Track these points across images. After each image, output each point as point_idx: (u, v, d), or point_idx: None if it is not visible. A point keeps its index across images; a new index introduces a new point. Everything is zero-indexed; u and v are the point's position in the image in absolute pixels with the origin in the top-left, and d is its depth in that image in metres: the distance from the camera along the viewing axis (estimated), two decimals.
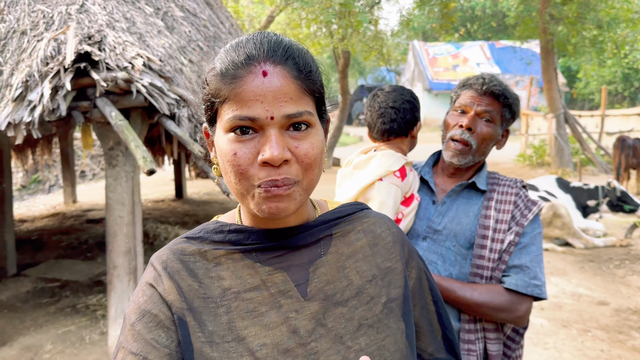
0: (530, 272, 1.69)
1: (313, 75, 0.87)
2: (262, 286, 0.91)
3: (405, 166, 1.84)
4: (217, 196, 11.61)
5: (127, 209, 4.16)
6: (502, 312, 1.65)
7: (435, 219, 1.80)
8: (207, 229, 0.98)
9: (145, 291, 0.91)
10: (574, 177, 12.75)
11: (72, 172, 10.53)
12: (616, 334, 4.39)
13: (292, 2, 11.45)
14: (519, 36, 15.93)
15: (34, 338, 4.46)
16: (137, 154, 3.43)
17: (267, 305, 0.89)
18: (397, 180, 1.78)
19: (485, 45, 31.80)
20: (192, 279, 0.91)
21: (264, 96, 0.80)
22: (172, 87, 4.08)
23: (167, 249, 0.96)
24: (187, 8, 6.05)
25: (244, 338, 0.86)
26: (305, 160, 0.84)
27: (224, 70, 0.84)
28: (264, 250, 0.94)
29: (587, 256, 6.74)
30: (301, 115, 0.83)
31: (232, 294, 0.90)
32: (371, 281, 0.97)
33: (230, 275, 0.92)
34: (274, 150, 0.80)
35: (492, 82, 1.77)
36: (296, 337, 0.87)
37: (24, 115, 3.56)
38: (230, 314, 0.88)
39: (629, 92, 30.51)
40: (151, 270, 0.94)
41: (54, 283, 5.82)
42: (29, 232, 8.28)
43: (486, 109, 1.77)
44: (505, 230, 1.73)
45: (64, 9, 4.29)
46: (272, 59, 0.82)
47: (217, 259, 0.94)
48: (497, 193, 1.82)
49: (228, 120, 0.83)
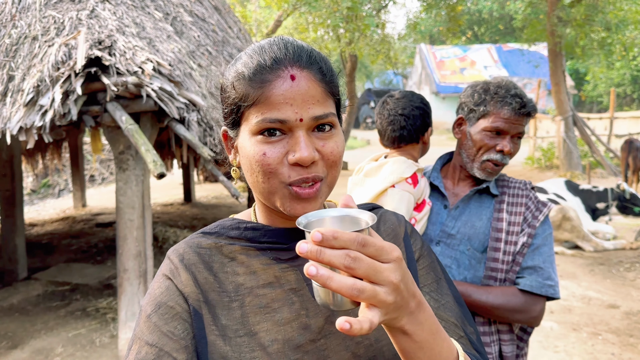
0: (544, 273, 1.69)
1: (335, 78, 0.91)
2: (275, 283, 0.93)
3: (417, 173, 1.83)
4: (225, 200, 11.64)
5: (137, 212, 4.18)
6: (517, 314, 1.66)
7: (449, 224, 1.80)
8: (223, 225, 1.00)
9: (161, 283, 0.93)
10: (582, 179, 12.69)
11: (81, 176, 10.60)
12: (627, 337, 4.36)
13: (299, 6, 11.49)
14: (526, 39, 15.89)
15: (45, 341, 4.49)
16: (148, 158, 3.46)
17: (279, 302, 0.91)
18: (409, 187, 1.78)
19: (493, 48, 31.72)
20: (207, 272, 0.93)
21: (293, 99, 0.83)
22: (181, 91, 4.11)
23: (184, 243, 0.98)
24: (195, 13, 6.09)
25: (256, 333, 0.88)
26: (330, 158, 0.87)
27: (251, 75, 0.85)
28: (279, 248, 0.96)
29: (597, 259, 6.70)
30: (327, 117, 0.86)
31: (246, 289, 0.92)
32: None
33: (245, 270, 0.94)
34: (303, 151, 0.82)
35: (528, 101, 1.72)
36: (307, 334, 0.88)
37: (36, 119, 3.60)
38: (243, 308, 0.90)
39: (637, 94, 30.31)
40: (168, 263, 0.96)
41: (64, 286, 5.85)
42: (39, 236, 8.34)
43: (521, 131, 1.75)
44: (518, 232, 1.73)
45: (74, 14, 4.33)
46: (298, 63, 0.85)
47: (233, 254, 0.96)
48: (508, 196, 1.82)
49: (257, 123, 0.85)
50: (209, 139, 4.46)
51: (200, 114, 4.35)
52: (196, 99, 4.20)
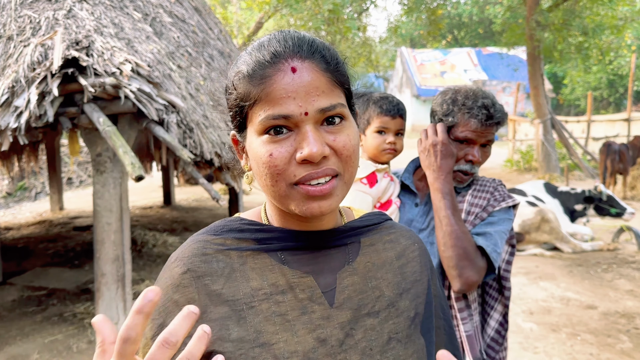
0: (492, 239, 1.67)
1: (341, 66, 0.86)
2: (289, 290, 0.86)
3: (377, 173, 1.85)
4: (206, 203, 11.55)
5: (115, 215, 4.12)
6: (465, 260, 1.61)
7: (419, 219, 1.82)
8: (231, 227, 0.93)
9: (165, 302, 0.86)
10: (561, 182, 12.86)
11: (58, 179, 10.44)
12: (605, 338, 4.42)
13: (280, 8, 11.48)
14: (505, 43, 16.08)
15: (21, 347, 4.40)
16: (126, 160, 3.41)
17: (296, 311, 0.85)
18: (364, 187, 1.81)
19: (473, 51, 32.06)
20: (216, 282, 0.86)
21: (296, 92, 0.78)
22: (160, 92, 4.06)
23: (188, 249, 0.90)
24: (175, 14, 6.04)
25: (273, 344, 0.81)
26: (344, 153, 0.82)
27: (250, 72, 0.81)
28: (291, 250, 0.91)
29: (575, 260, 6.78)
30: (335, 108, 0.81)
31: (260, 296, 0.85)
32: (402, 294, 0.94)
33: (257, 276, 0.87)
34: (312, 146, 0.77)
35: (496, 111, 1.72)
36: (325, 347, 0.83)
37: (10, 121, 3.52)
38: (258, 317, 0.83)
39: (614, 97, 30.90)
40: (170, 276, 0.88)
41: (40, 291, 5.74)
42: (15, 240, 8.18)
43: (490, 139, 1.76)
44: (477, 214, 1.75)
45: (51, 14, 4.26)
46: (299, 54, 0.80)
47: (243, 259, 0.89)
48: (476, 185, 1.84)
49: (261, 121, 0.80)
50: (189, 141, 4.41)
51: (180, 116, 4.30)
52: (176, 100, 4.15)
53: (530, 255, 6.98)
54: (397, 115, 1.86)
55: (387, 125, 1.86)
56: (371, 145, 1.88)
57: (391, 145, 1.86)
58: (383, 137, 1.86)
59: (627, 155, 11.12)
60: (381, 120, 1.85)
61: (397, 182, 1.93)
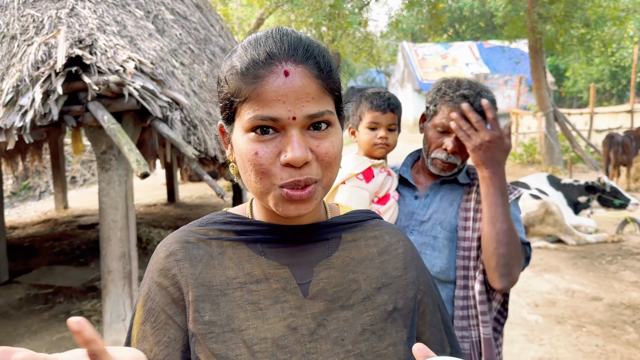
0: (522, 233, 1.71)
1: (333, 74, 0.87)
2: (264, 280, 0.90)
3: (373, 168, 1.86)
4: (210, 199, 11.57)
5: (120, 213, 4.14)
6: (515, 258, 1.62)
7: (420, 211, 1.82)
8: (215, 219, 0.98)
9: (150, 286, 0.92)
10: (564, 174, 12.84)
11: (62, 177, 10.46)
12: (610, 329, 4.43)
13: (281, 4, 11.46)
14: (507, 36, 16.03)
15: (28, 345, 4.42)
16: (131, 158, 3.42)
17: (269, 300, 0.88)
18: (360, 182, 1.81)
19: (474, 45, 31.94)
20: (195, 267, 0.91)
21: (286, 96, 0.79)
22: (164, 89, 4.07)
23: (172, 237, 0.96)
24: (177, 11, 6.04)
25: (243, 330, 0.85)
26: (325, 159, 0.84)
27: (244, 70, 0.82)
28: (270, 243, 0.94)
29: (580, 252, 6.78)
30: (322, 115, 0.82)
31: (234, 284, 0.90)
32: (380, 289, 0.96)
33: (234, 265, 0.91)
34: (296, 151, 0.79)
35: (475, 100, 1.68)
36: (296, 335, 0.86)
37: (16, 120, 3.54)
38: (231, 303, 0.88)
39: (616, 89, 30.78)
40: (156, 261, 0.94)
41: (47, 289, 5.77)
42: (21, 239, 8.22)
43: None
44: None
45: (54, 13, 4.27)
46: (293, 58, 0.81)
47: (222, 248, 0.93)
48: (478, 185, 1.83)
49: (249, 120, 0.82)
50: (193, 138, 4.42)
51: (184, 113, 4.31)
52: (179, 97, 4.16)
53: (534, 247, 6.98)
54: (387, 110, 1.86)
55: (378, 120, 1.86)
56: (364, 140, 1.89)
57: (382, 140, 1.86)
58: (375, 133, 1.87)
59: (630, 147, 11.09)
60: (372, 116, 1.87)
61: (395, 177, 1.93)
